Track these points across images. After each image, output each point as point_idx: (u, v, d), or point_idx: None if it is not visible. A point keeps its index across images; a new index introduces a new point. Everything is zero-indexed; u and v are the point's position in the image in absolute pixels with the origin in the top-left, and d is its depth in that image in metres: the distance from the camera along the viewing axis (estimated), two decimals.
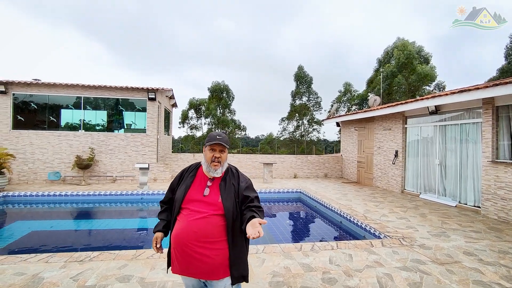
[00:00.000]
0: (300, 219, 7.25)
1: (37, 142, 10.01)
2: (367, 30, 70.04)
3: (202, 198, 1.79)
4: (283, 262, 3.59)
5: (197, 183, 1.87)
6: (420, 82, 26.58)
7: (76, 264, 3.38)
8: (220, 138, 1.85)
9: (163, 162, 11.49)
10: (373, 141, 10.64)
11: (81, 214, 7.49)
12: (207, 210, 1.74)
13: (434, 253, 3.99)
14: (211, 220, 1.72)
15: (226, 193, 1.80)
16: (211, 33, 75.35)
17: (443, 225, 5.48)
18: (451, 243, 4.43)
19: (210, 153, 1.85)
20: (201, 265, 1.68)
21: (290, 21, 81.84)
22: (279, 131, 35.36)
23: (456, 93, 6.37)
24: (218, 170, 1.85)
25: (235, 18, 79.23)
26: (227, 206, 1.76)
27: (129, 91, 10.69)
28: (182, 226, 1.72)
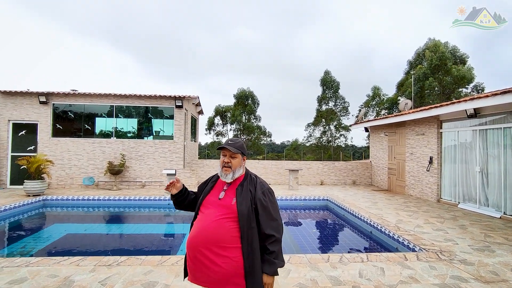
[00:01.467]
0: (327, 228, 7.00)
1: (73, 149, 10.61)
2: (391, 32, 67.94)
3: (217, 201, 1.76)
4: (310, 274, 3.44)
5: (216, 188, 1.87)
6: (455, 85, 25.09)
7: (105, 268, 3.47)
8: (230, 143, 1.83)
9: (189, 168, 11.70)
10: (405, 146, 10.11)
11: (112, 218, 7.77)
12: (220, 214, 1.69)
13: (477, 270, 3.63)
14: (224, 224, 1.66)
15: (241, 198, 1.74)
16: (231, 42, 77.02)
17: (486, 238, 5.01)
18: (496, 259, 4.02)
19: (222, 157, 1.86)
20: (210, 273, 1.61)
21: (308, 27, 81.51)
22: (305, 137, 34.97)
23: (498, 94, 5.88)
24: (228, 175, 1.81)
25: (254, 26, 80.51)
26: (241, 210, 1.68)
27: (157, 99, 11.05)
28: (195, 230, 1.70)
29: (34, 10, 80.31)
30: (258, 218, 1.73)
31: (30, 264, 3.56)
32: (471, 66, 25.85)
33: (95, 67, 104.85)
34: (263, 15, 78.74)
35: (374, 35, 68.88)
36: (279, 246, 1.74)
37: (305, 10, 79.03)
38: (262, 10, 79.27)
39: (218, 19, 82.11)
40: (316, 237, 6.13)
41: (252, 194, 1.77)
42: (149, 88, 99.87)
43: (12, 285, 3.01)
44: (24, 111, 10.47)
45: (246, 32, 78.39)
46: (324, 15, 79.41)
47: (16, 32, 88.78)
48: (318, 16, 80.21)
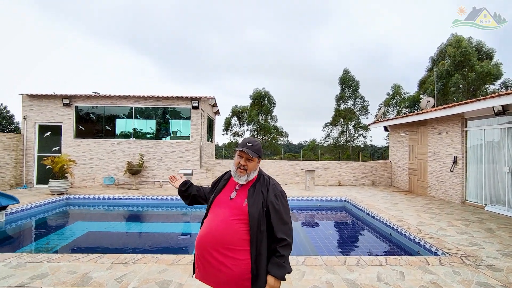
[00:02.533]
0: (344, 230, 6.83)
1: (95, 149, 10.98)
2: (409, 29, 65.55)
3: (228, 201, 1.72)
4: (325, 277, 3.35)
5: (228, 187, 1.83)
6: (481, 81, 23.90)
7: (121, 266, 3.53)
8: (249, 145, 1.77)
9: (206, 168, 11.80)
10: (427, 146, 9.72)
11: (131, 217, 7.96)
12: (230, 215, 1.65)
13: (506, 276, 3.41)
14: (233, 226, 1.62)
15: (253, 199, 1.69)
16: (244, 44, 77.24)
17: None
18: None
19: (237, 159, 1.79)
20: (218, 273, 1.58)
21: (322, 27, 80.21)
22: (323, 137, 34.51)
23: None
24: (243, 177, 1.77)
25: (266, 27, 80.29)
26: (252, 212, 1.64)
27: (174, 100, 11.23)
28: (204, 229, 1.68)
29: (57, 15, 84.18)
30: (269, 221, 1.68)
31: (51, 260, 3.69)
32: (499, 61, 24.58)
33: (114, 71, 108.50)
34: (275, 16, 78.60)
35: (391, 33, 67.04)
36: (289, 251, 1.69)
37: (317, 10, 78.11)
38: (274, 11, 79.16)
39: (230, 21, 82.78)
40: (333, 238, 5.99)
41: (264, 196, 1.72)
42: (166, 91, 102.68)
43: (33, 280, 3.12)
44: (49, 113, 10.95)
45: (258, 34, 78.53)
46: (337, 14, 78.16)
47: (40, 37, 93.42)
48: (331, 15, 79.04)
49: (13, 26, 75.74)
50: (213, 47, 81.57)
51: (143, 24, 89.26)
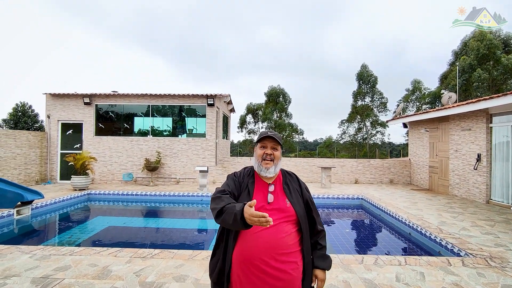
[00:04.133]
0: (361, 228, 6.70)
1: (114, 146, 11.28)
2: (428, 21, 62.85)
3: (267, 205, 1.57)
4: (342, 276, 3.30)
5: (257, 189, 1.65)
6: (507, 75, 22.77)
7: (139, 260, 3.61)
8: (271, 133, 1.66)
9: (221, 165, 11.89)
10: (448, 143, 9.37)
11: (149, 212, 8.14)
12: (278, 217, 1.52)
13: None
14: (283, 228, 1.52)
15: (293, 197, 1.64)
16: (257, 42, 76.70)
17: None
18: None
19: (261, 150, 1.67)
20: (277, 283, 1.45)
21: (335, 24, 78.42)
22: (339, 134, 34.04)
23: None
24: (270, 169, 1.63)
25: (278, 25, 79.45)
26: (299, 211, 1.59)
27: (190, 98, 11.36)
28: (249, 239, 1.48)
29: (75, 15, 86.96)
30: (310, 215, 1.68)
31: (74, 253, 3.82)
32: None
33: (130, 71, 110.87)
34: (288, 14, 77.71)
35: (409, 26, 64.74)
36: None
37: (330, 6, 76.67)
38: (287, 9, 78.29)
39: (242, 20, 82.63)
40: (350, 237, 5.89)
41: (299, 192, 1.70)
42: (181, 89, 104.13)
43: (57, 272, 3.24)
44: (70, 111, 11.34)
45: (271, 32, 77.97)
46: (351, 10, 76.19)
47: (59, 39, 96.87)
48: (345, 11, 77.26)
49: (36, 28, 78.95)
50: (227, 47, 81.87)
51: (157, 24, 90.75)
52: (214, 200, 1.52)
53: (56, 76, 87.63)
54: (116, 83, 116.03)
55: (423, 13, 64.33)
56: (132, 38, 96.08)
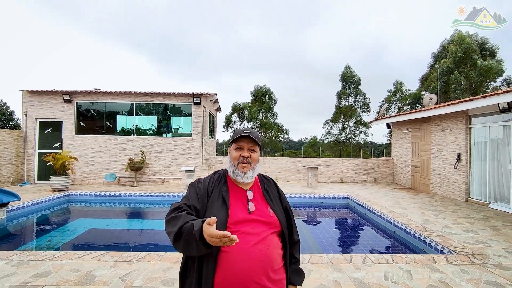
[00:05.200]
0: (348, 227, 6.79)
1: (96, 146, 10.92)
2: (407, 25, 64.92)
3: (249, 216, 1.35)
4: (332, 275, 3.31)
5: (234, 197, 1.41)
6: (482, 78, 23.77)
7: (125, 264, 3.49)
8: (248, 132, 1.43)
9: (207, 165, 11.75)
10: (430, 143, 9.66)
11: (133, 214, 7.92)
12: (263, 229, 1.33)
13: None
14: (272, 242, 1.33)
15: (275, 205, 1.45)
16: (240, 41, 76.52)
17: None
18: None
19: (237, 152, 1.43)
20: None
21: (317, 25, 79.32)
22: (323, 134, 34.43)
23: None
24: (248, 174, 1.41)
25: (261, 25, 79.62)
26: (282, 220, 1.42)
27: (176, 97, 11.15)
28: (237, 260, 1.23)
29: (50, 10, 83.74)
30: (290, 224, 1.50)
31: (54, 258, 3.64)
32: (501, 58, 24.44)
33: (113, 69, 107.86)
34: (271, 14, 77.77)
35: (389, 29, 66.29)
36: None
37: (312, 7, 77.41)
38: (269, 9, 78.45)
39: (224, 18, 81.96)
40: (337, 236, 5.96)
41: (278, 198, 1.52)
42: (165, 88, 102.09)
43: (36, 279, 3.07)
44: (49, 109, 10.87)
45: (254, 32, 78.04)
46: (333, 11, 77.45)
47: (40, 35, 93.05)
48: (326, 12, 78.31)
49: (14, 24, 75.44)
50: (210, 45, 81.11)
51: (139, 22, 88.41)
52: (168, 223, 1.24)
53: (34, 73, 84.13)
54: (98, 81, 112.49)
55: (404, 17, 66.22)
56: (114, 35, 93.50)
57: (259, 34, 77.13)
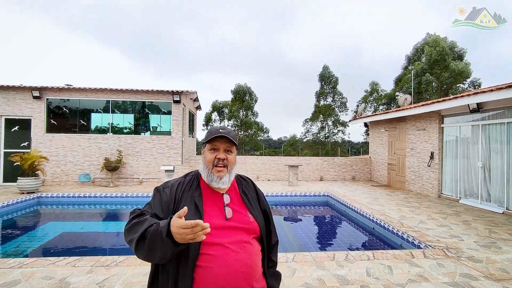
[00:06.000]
0: (329, 225, 6.90)
1: (68, 145, 10.39)
2: (382, 28, 67.07)
3: (226, 222, 1.23)
4: (316, 273, 3.33)
5: (209, 203, 1.28)
6: (453, 80, 25.06)
7: (102, 269, 3.32)
8: (224, 131, 1.30)
9: (187, 164, 11.53)
10: (405, 142, 10.03)
11: (109, 216, 7.61)
12: (242, 237, 1.23)
13: (487, 267, 3.55)
14: (253, 250, 1.25)
15: (254, 209, 1.36)
16: (218, 39, 75.91)
17: (491, 234, 4.94)
18: (504, 256, 3.94)
19: (212, 153, 1.30)
20: None
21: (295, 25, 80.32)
22: (302, 132, 34.88)
23: (503, 88, 5.78)
24: (224, 179, 1.29)
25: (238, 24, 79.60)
26: (261, 226, 1.34)
27: (155, 94, 10.84)
28: (219, 272, 1.12)
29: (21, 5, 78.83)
30: (268, 228, 1.43)
31: (24, 265, 3.40)
32: (468, 61, 25.86)
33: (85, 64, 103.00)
34: (248, 13, 77.91)
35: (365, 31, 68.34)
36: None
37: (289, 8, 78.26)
38: (247, 9, 78.43)
39: (201, 16, 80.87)
40: (319, 234, 6.03)
41: (256, 201, 1.43)
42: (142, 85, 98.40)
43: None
44: (17, 106, 10.21)
45: (232, 31, 77.69)
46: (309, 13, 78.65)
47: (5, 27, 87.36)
48: (304, 14, 79.39)
49: None
50: (188, 43, 79.68)
51: (113, 16, 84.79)
52: (129, 231, 1.12)
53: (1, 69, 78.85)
54: (71, 78, 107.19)
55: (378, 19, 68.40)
56: (87, 30, 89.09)
57: (237, 33, 76.98)
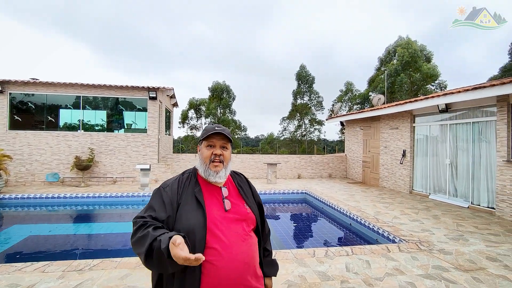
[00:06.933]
0: (308, 222, 7.01)
1: (34, 142, 9.76)
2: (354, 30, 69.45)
3: (225, 214, 1.31)
4: (297, 270, 3.35)
5: (208, 196, 1.35)
6: (423, 81, 26.37)
7: (75, 274, 3.14)
8: (219, 129, 1.38)
9: (164, 162, 11.25)
10: (379, 140, 10.41)
11: (81, 217, 7.24)
12: (242, 228, 1.32)
13: (456, 259, 3.76)
14: (252, 240, 1.34)
15: (249, 201, 1.45)
16: (191, 36, 74.72)
17: (458, 227, 5.25)
18: (471, 248, 4.20)
19: (208, 150, 1.38)
20: None
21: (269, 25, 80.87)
22: (280, 131, 35.17)
23: (469, 90, 6.14)
24: (220, 173, 1.37)
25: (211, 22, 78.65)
26: (256, 215, 1.44)
27: (129, 90, 10.44)
28: (224, 264, 1.20)
29: None
30: (262, 219, 1.53)
31: None
32: (435, 64, 27.30)
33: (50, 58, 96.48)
34: (220, 11, 77.00)
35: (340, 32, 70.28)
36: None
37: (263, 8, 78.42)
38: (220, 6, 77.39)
39: (174, 12, 78.75)
40: (298, 231, 6.10)
41: (251, 193, 1.53)
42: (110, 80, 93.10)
43: None
44: None
45: (204, 28, 76.44)
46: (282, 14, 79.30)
47: None
48: (277, 13, 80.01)
49: None
50: (159, 38, 77.22)
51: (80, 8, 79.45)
52: (136, 244, 1.15)
53: None
54: (38, 72, 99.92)
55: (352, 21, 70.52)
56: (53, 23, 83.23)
57: (211, 31, 75.76)
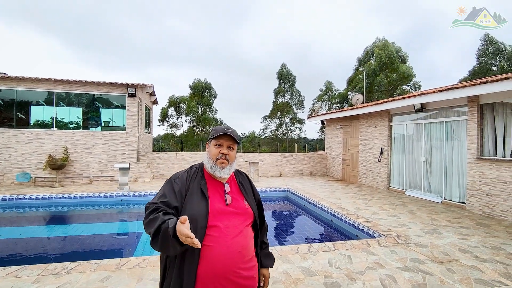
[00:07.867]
0: (290, 219, 7.09)
1: (3, 141, 9.21)
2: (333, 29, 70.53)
3: (226, 208, 1.45)
4: (282, 267, 3.39)
5: (212, 190, 1.49)
6: (399, 82, 27.35)
7: (52, 278, 3.01)
8: (228, 130, 1.52)
9: (144, 161, 10.97)
10: (358, 139, 10.69)
11: (55, 218, 6.92)
12: (240, 221, 1.45)
13: (431, 252, 3.94)
14: (247, 233, 1.47)
15: (249, 197, 1.59)
16: (167, 33, 72.25)
17: (433, 221, 5.50)
18: (445, 241, 4.42)
19: (216, 149, 1.52)
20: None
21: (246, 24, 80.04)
22: (261, 129, 35.27)
23: (443, 91, 6.43)
24: (226, 169, 1.50)
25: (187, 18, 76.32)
26: (255, 211, 1.56)
27: (107, 87, 10.08)
28: (220, 251, 1.33)
29: None
30: (261, 214, 1.67)
31: None
32: (410, 65, 28.40)
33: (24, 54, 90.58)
34: (198, 8, 75.40)
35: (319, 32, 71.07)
36: None
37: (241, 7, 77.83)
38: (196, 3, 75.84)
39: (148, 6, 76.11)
40: (280, 228, 6.16)
41: (251, 191, 1.66)
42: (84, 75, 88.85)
43: None
44: None
45: (180, 24, 74.34)
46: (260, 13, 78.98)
47: None
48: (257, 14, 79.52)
49: None
50: (133, 33, 74.00)
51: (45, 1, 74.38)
52: (147, 225, 1.28)
53: None
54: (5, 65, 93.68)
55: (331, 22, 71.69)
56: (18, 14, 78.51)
57: (189, 29, 74.26)
